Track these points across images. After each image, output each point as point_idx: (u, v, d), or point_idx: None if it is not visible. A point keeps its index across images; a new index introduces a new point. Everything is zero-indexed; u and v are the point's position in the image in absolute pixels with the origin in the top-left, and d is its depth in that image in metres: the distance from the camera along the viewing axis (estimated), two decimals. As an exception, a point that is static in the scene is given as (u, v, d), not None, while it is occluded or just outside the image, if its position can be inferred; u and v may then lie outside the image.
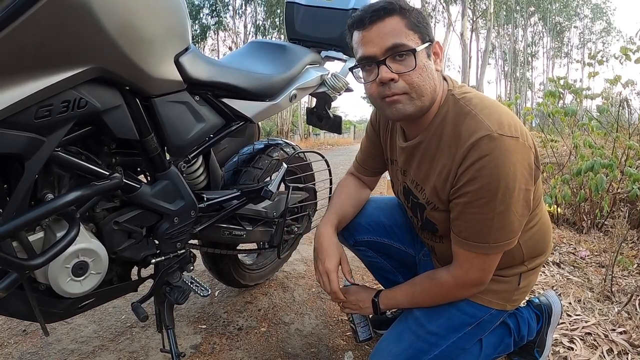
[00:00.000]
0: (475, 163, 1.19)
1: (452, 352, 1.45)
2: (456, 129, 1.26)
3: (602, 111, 3.93)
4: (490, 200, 1.20)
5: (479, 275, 1.35)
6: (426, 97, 1.26)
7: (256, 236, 2.03)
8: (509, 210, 1.21)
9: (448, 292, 1.41)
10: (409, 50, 1.20)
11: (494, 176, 1.17)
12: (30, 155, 1.04)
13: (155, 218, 1.48)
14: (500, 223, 1.23)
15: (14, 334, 2.05)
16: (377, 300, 1.56)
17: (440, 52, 1.28)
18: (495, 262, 1.34)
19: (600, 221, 3.82)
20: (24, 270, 1.07)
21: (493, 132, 1.18)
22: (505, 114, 1.24)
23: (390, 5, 1.21)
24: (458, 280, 1.36)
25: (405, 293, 1.52)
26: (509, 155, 1.17)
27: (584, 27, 42.58)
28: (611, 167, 3.25)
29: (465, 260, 1.33)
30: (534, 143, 1.28)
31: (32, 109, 1.00)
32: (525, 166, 1.21)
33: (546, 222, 1.51)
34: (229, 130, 1.69)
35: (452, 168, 1.26)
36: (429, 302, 1.47)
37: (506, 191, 1.18)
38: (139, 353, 1.91)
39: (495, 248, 1.28)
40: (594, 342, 1.96)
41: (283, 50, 2.06)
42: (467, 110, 1.26)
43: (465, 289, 1.39)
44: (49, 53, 0.98)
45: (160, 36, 1.27)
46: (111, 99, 1.19)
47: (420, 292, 1.47)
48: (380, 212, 1.83)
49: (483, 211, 1.22)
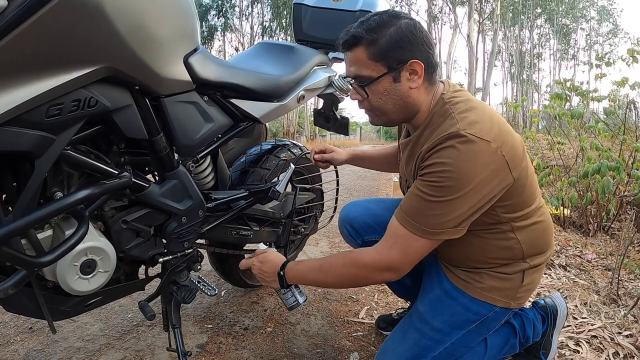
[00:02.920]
0: (439, 151, 1.24)
1: (457, 349, 1.45)
2: (435, 129, 1.32)
3: (609, 113, 3.91)
4: (439, 186, 1.23)
5: (398, 257, 1.32)
6: (391, 114, 1.40)
7: (263, 236, 2.03)
8: (453, 204, 1.23)
9: (361, 268, 1.37)
10: (364, 84, 1.34)
11: (450, 166, 1.21)
12: (41, 154, 1.05)
13: (164, 217, 1.48)
14: (439, 209, 1.25)
15: (20, 331, 2.06)
16: (284, 274, 1.51)
17: (420, 69, 1.31)
18: (421, 251, 1.32)
19: (607, 224, 3.81)
20: (32, 267, 1.08)
21: (460, 130, 1.22)
22: (485, 119, 1.27)
23: (357, 36, 1.31)
24: (377, 254, 1.34)
25: (312, 266, 1.49)
26: (471, 153, 1.21)
27: (590, 28, 42.44)
28: (618, 169, 3.24)
29: (393, 234, 1.33)
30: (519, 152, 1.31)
31: (43, 107, 1.01)
32: (488, 171, 1.22)
33: (546, 220, 1.50)
34: (237, 130, 1.70)
35: (423, 158, 1.31)
36: (337, 277, 1.42)
37: (458, 184, 1.21)
38: (145, 352, 1.92)
39: (425, 233, 1.27)
40: (600, 345, 1.95)
41: (291, 52, 2.06)
42: (448, 113, 1.31)
43: (380, 269, 1.35)
44: (60, 52, 0.99)
45: (169, 37, 1.27)
46: (121, 98, 1.20)
47: (331, 264, 1.43)
48: (388, 213, 1.81)
49: (429, 192, 1.25)
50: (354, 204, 1.96)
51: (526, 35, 39.44)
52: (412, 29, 1.30)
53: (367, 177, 8.21)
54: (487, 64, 30.72)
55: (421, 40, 1.30)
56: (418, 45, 1.30)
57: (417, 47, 1.30)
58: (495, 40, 28.04)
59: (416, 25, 1.32)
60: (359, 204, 1.95)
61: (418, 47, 1.30)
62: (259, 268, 1.57)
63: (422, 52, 1.31)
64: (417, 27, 1.31)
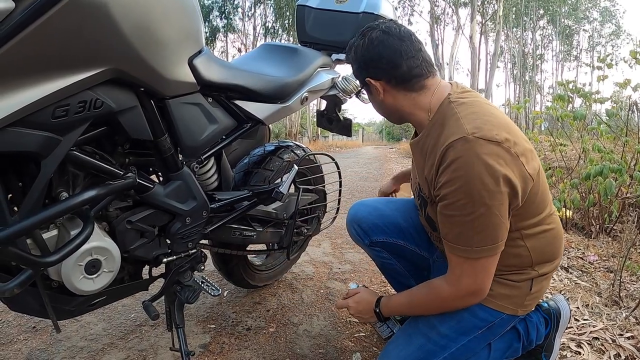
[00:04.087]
0: (450, 165, 1.22)
1: (461, 355, 1.45)
2: (441, 131, 1.31)
3: (612, 115, 3.92)
4: (468, 201, 1.21)
5: (472, 282, 1.32)
6: (387, 117, 1.56)
7: (266, 237, 2.04)
8: (489, 212, 1.21)
9: (444, 302, 1.40)
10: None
11: (469, 177, 1.19)
12: (47, 154, 1.05)
13: (168, 218, 1.49)
14: (481, 226, 1.23)
15: (23, 331, 2.07)
16: (379, 311, 1.58)
17: (377, 86, 1.41)
18: (488, 268, 1.32)
19: (609, 226, 3.81)
20: (37, 267, 1.08)
21: (468, 135, 1.21)
22: (491, 120, 1.26)
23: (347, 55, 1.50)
24: (452, 287, 1.35)
25: (403, 302, 1.54)
26: (484, 157, 1.18)
27: (593, 30, 42.31)
28: (620, 171, 3.24)
29: (456, 265, 1.33)
30: (530, 153, 1.30)
31: (50, 108, 1.02)
32: (507, 170, 1.21)
33: (556, 228, 1.48)
34: (240, 131, 1.70)
35: (434, 168, 1.30)
36: (426, 310, 1.48)
37: (484, 192, 1.19)
38: (148, 351, 1.92)
39: (480, 252, 1.27)
40: (602, 347, 1.96)
41: (294, 53, 2.07)
42: (453, 114, 1.31)
43: (461, 297, 1.37)
44: (67, 54, 1.00)
45: (174, 39, 1.28)
46: (126, 100, 1.21)
47: (418, 302, 1.47)
48: (398, 214, 1.86)
49: (462, 213, 1.23)
50: (362, 204, 1.96)
51: (529, 37, 39.35)
52: (364, 51, 1.39)
53: (370, 178, 8.21)
54: (490, 65, 30.71)
55: (377, 58, 1.37)
56: (373, 62, 1.38)
57: (371, 65, 1.39)
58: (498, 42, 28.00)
59: (372, 43, 1.37)
60: (368, 204, 1.95)
61: (373, 64, 1.39)
62: (355, 309, 1.65)
63: (377, 69, 1.38)
64: (372, 45, 1.37)
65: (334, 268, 3.03)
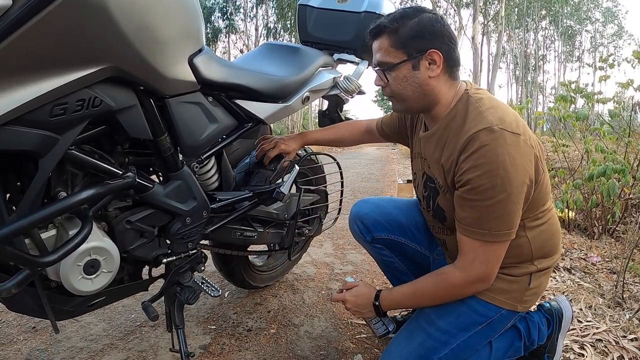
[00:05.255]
0: (475, 152, 1.28)
1: (463, 351, 1.46)
2: (463, 122, 1.36)
3: (614, 116, 3.90)
4: (490, 187, 1.26)
5: (484, 267, 1.36)
6: (410, 101, 1.45)
7: (267, 238, 2.03)
8: (509, 199, 1.27)
9: (452, 288, 1.42)
10: (385, 69, 1.42)
11: (493, 164, 1.25)
12: (45, 153, 1.05)
13: (168, 218, 1.48)
14: (500, 210, 1.29)
15: (23, 331, 2.06)
16: (379, 304, 1.58)
17: (438, 58, 1.36)
18: (499, 255, 1.36)
19: (612, 227, 3.80)
20: (36, 267, 1.07)
21: (493, 125, 1.28)
22: (510, 114, 1.34)
23: (381, 25, 1.40)
24: (463, 272, 1.38)
25: (406, 292, 1.54)
26: (508, 147, 1.25)
27: (595, 30, 42.34)
28: (623, 172, 3.23)
29: (470, 250, 1.37)
30: (539, 145, 1.37)
31: (48, 107, 1.01)
32: (526, 161, 1.29)
33: (555, 223, 1.53)
34: (241, 131, 1.70)
35: (454, 156, 1.35)
36: (432, 300, 1.49)
37: (506, 180, 1.25)
38: (148, 352, 1.92)
39: (496, 236, 1.32)
40: (605, 348, 1.95)
41: (296, 53, 2.06)
42: (475, 107, 1.37)
43: (471, 283, 1.40)
44: (64, 52, 0.99)
45: (174, 37, 1.27)
46: (125, 98, 1.20)
47: (424, 291, 1.48)
48: (399, 212, 1.88)
49: (483, 198, 1.28)
50: (365, 202, 1.98)
51: (531, 37, 39.39)
52: (433, 22, 1.36)
53: (372, 179, 8.20)
54: (492, 65, 30.67)
55: (442, 34, 1.36)
56: (438, 37, 1.36)
57: (437, 39, 1.35)
58: (500, 42, 28.01)
59: (438, 19, 1.37)
60: (370, 202, 1.97)
61: (438, 38, 1.35)
62: (353, 302, 1.63)
63: (442, 44, 1.36)
64: (439, 21, 1.37)
65: (335, 269, 3.02)
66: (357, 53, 2.19)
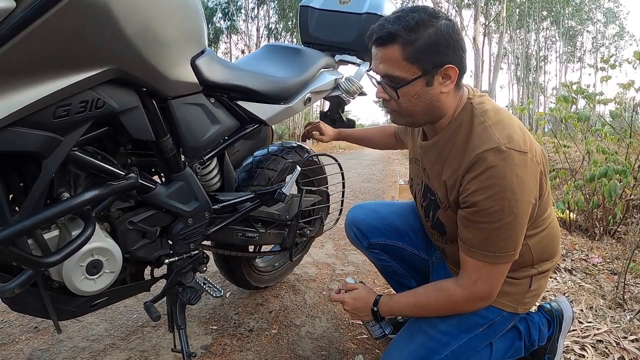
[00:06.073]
0: (482, 174, 1.23)
1: (463, 353, 1.45)
2: (468, 137, 1.30)
3: (615, 116, 3.91)
4: (497, 210, 1.22)
5: (487, 287, 1.35)
6: (417, 116, 1.36)
7: (269, 238, 2.03)
8: (515, 221, 1.24)
9: (455, 305, 1.41)
10: (397, 86, 1.28)
11: (501, 187, 1.21)
12: (48, 154, 1.05)
13: (170, 218, 1.48)
14: (507, 233, 1.26)
15: (25, 331, 2.07)
16: (377, 310, 1.56)
17: (454, 74, 1.26)
18: (503, 274, 1.34)
19: (613, 228, 3.80)
20: (39, 267, 1.08)
21: (501, 145, 1.22)
22: (517, 129, 1.28)
23: (394, 34, 1.23)
24: (466, 291, 1.36)
25: (407, 303, 1.51)
26: (516, 168, 1.21)
27: (596, 31, 42.26)
28: (624, 173, 3.23)
29: (474, 270, 1.33)
30: (544, 159, 1.33)
31: (51, 108, 1.01)
32: (532, 180, 1.25)
33: (555, 227, 1.52)
34: (243, 132, 1.70)
35: (459, 175, 1.30)
36: (433, 313, 1.47)
37: (513, 202, 1.22)
38: (149, 352, 1.92)
39: (501, 258, 1.29)
40: (606, 349, 1.95)
41: (297, 54, 2.06)
42: (481, 121, 1.30)
43: (473, 302, 1.39)
44: (68, 54, 0.99)
45: (177, 39, 1.27)
46: (128, 100, 1.20)
47: (425, 304, 1.46)
48: (395, 216, 1.86)
49: (490, 220, 1.25)
50: (360, 207, 1.96)
51: (532, 38, 39.33)
52: (450, 32, 1.24)
53: (373, 179, 8.19)
54: (493, 66, 30.61)
55: (457, 44, 1.25)
56: (455, 49, 1.25)
57: (453, 52, 1.25)
58: (501, 43, 27.94)
59: (455, 27, 1.26)
60: (366, 207, 1.95)
61: (454, 51, 1.25)
62: (352, 305, 1.60)
63: (457, 57, 1.26)
64: (455, 29, 1.26)
65: (336, 269, 3.03)
66: (358, 54, 2.19)
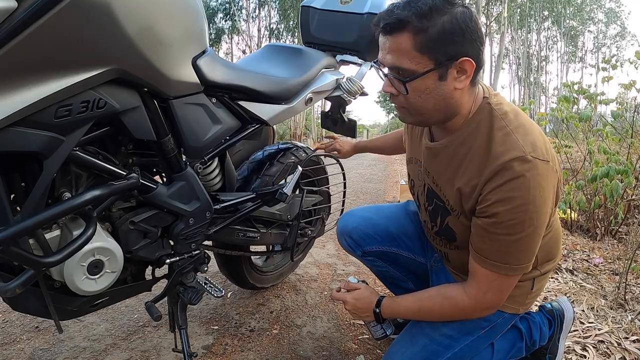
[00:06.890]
0: (506, 184, 1.16)
1: (465, 355, 1.45)
2: (489, 142, 1.22)
3: (617, 116, 3.90)
4: (518, 222, 1.18)
5: (495, 298, 1.33)
6: (427, 114, 1.25)
7: (270, 239, 2.03)
8: (535, 233, 1.21)
9: (461, 313, 1.39)
10: (406, 79, 1.17)
11: (524, 199, 1.15)
12: (49, 154, 1.05)
13: (171, 218, 1.48)
14: (524, 245, 1.22)
15: (26, 330, 2.07)
16: (379, 312, 1.54)
17: (470, 68, 1.15)
18: (513, 284, 1.32)
19: (615, 228, 3.79)
20: (40, 267, 1.08)
21: (527, 154, 1.15)
22: (538, 135, 1.22)
23: (403, 20, 1.12)
24: (474, 300, 1.33)
25: (410, 307, 1.49)
26: (540, 179, 1.16)
27: (598, 31, 42.20)
28: (626, 173, 3.22)
29: (484, 280, 1.30)
30: (558, 164, 1.27)
31: (52, 108, 1.01)
32: (552, 190, 1.22)
33: (558, 229, 1.51)
34: (245, 132, 1.70)
35: (479, 183, 1.22)
36: (436, 318, 1.46)
37: (534, 215, 1.17)
38: (150, 352, 1.92)
39: (516, 270, 1.26)
40: (607, 350, 1.95)
41: (299, 54, 2.06)
42: (502, 125, 1.22)
43: (480, 311, 1.37)
44: (69, 54, 0.99)
45: (178, 39, 1.28)
46: (130, 100, 1.20)
47: (430, 309, 1.43)
48: (388, 221, 1.84)
49: (509, 232, 1.20)
50: (351, 215, 1.93)
51: (533, 38, 39.28)
52: (467, 20, 1.12)
53: (374, 179, 8.18)
54: (495, 66, 30.60)
55: (475, 34, 1.14)
56: (472, 39, 1.14)
57: (470, 42, 1.14)
58: (503, 43, 27.91)
59: (472, 16, 1.14)
60: (356, 214, 1.92)
61: (471, 42, 1.14)
62: (353, 305, 1.58)
63: (474, 49, 1.15)
64: (473, 18, 1.13)
65: (338, 270, 3.03)
66: (359, 54, 2.18)
